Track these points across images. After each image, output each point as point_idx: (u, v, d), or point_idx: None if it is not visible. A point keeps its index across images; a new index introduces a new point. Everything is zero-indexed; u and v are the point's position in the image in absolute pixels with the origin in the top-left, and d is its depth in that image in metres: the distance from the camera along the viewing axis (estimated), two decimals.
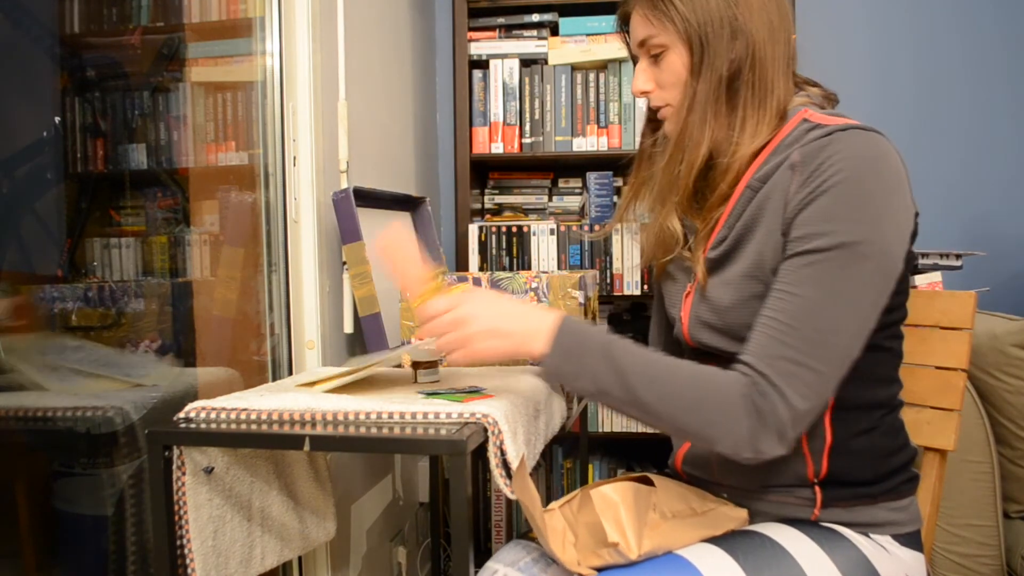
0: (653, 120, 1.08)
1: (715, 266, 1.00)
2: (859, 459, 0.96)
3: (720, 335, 0.99)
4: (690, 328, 1.04)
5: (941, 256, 1.74)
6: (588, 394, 0.94)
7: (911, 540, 0.98)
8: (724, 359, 0.96)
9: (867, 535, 0.96)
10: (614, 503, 0.92)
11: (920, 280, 1.74)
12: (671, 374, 0.91)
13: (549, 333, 0.94)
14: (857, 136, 0.89)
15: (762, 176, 0.95)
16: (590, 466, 2.19)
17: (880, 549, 0.95)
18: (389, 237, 1.00)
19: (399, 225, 1.02)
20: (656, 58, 1.00)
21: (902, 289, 0.96)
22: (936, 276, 1.73)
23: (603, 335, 0.94)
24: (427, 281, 1.00)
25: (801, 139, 0.92)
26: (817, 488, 0.96)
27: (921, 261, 1.74)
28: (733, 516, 0.99)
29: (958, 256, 1.74)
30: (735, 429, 0.87)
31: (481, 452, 0.92)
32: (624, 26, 1.07)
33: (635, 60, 1.06)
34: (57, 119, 1.70)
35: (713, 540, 0.95)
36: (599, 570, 0.93)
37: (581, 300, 1.42)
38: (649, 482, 0.98)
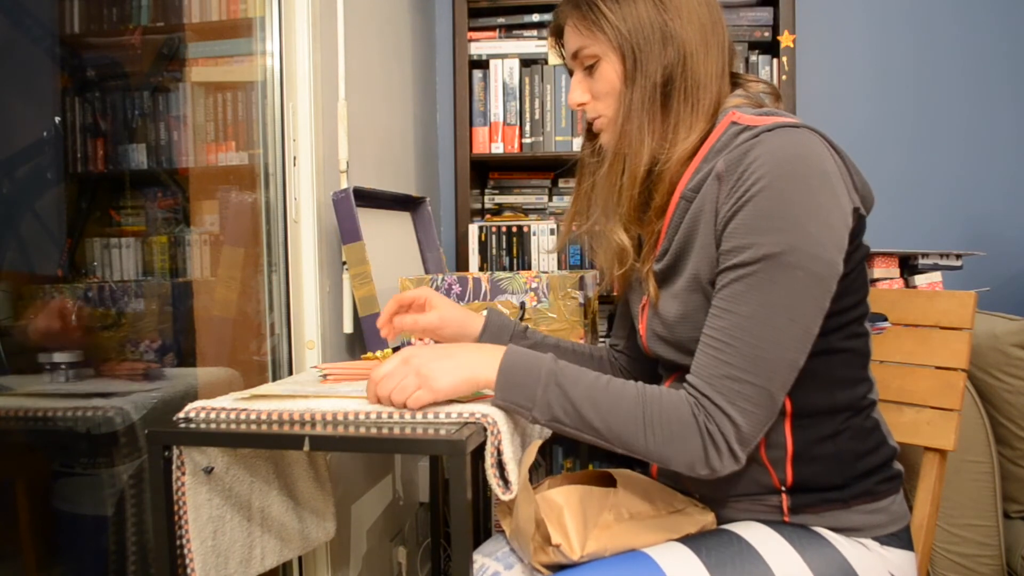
0: (591, 131, 1.07)
1: (663, 279, 0.99)
2: (825, 465, 0.94)
3: (672, 348, 0.99)
4: (647, 341, 1.04)
5: (941, 256, 1.73)
6: (542, 423, 0.92)
7: (897, 539, 0.96)
8: (685, 370, 0.96)
9: (846, 535, 0.95)
10: (558, 506, 0.94)
11: (920, 280, 1.74)
12: (619, 399, 0.89)
13: (497, 366, 0.92)
14: (781, 137, 0.86)
15: (694, 186, 0.93)
16: (590, 465, 2.18)
17: (860, 547, 0.94)
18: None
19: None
20: (590, 69, 1.01)
21: (859, 287, 0.94)
22: (936, 276, 1.73)
23: (549, 363, 0.91)
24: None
25: (729, 144, 0.90)
26: (784, 495, 0.95)
27: (921, 261, 1.73)
28: (699, 519, 0.99)
29: (958, 256, 1.74)
30: (687, 449, 0.87)
31: (482, 452, 0.92)
32: (558, 38, 1.06)
33: (572, 73, 1.06)
34: (57, 119, 1.70)
35: (679, 537, 0.96)
36: (558, 568, 0.94)
37: (581, 300, 1.42)
38: (614, 480, 1.00)
